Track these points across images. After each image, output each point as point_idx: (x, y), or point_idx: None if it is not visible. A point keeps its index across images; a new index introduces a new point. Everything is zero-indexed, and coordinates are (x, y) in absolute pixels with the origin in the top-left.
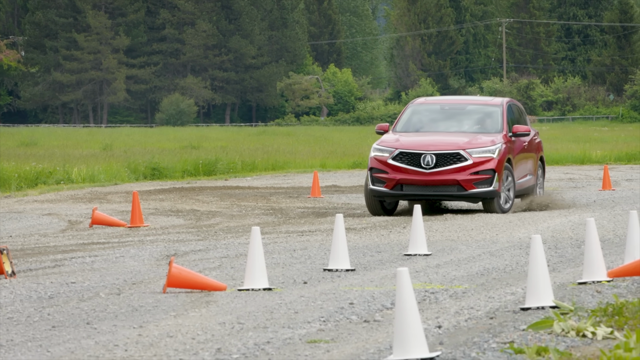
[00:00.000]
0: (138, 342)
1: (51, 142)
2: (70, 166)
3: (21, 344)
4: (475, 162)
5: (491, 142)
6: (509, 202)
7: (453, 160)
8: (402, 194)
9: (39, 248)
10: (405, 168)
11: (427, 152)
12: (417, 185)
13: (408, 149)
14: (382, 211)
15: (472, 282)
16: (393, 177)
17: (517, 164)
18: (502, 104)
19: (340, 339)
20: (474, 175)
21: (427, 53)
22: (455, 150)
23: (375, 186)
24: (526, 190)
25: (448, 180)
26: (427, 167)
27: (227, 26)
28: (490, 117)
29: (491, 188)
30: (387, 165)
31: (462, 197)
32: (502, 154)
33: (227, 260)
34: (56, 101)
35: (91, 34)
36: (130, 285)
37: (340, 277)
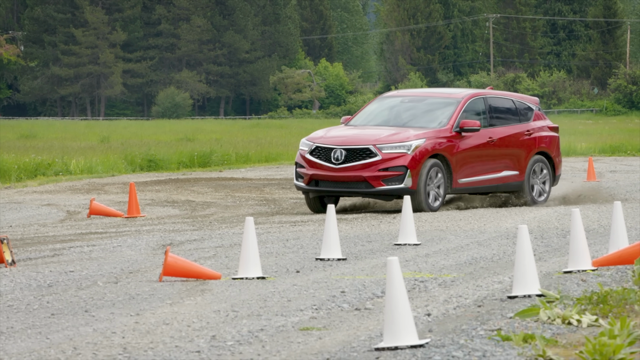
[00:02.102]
0: (135, 329)
1: (50, 135)
2: (68, 158)
3: (21, 331)
4: (384, 159)
5: (408, 138)
6: (439, 200)
7: (362, 156)
8: (317, 190)
9: (39, 237)
10: (318, 163)
11: (338, 147)
12: (329, 181)
13: (324, 143)
14: (322, 208)
15: (461, 271)
16: (308, 173)
17: (468, 160)
18: (463, 98)
19: (332, 326)
20: (382, 172)
21: (416, 48)
22: (365, 145)
23: (297, 181)
24: (503, 188)
25: (355, 176)
26: (337, 162)
27: (221, 21)
28: (442, 111)
29: (402, 185)
30: (305, 160)
31: (371, 194)
32: (422, 150)
33: (222, 249)
34: (55, 95)
35: (89, 29)
36: (127, 274)
37: (332, 266)
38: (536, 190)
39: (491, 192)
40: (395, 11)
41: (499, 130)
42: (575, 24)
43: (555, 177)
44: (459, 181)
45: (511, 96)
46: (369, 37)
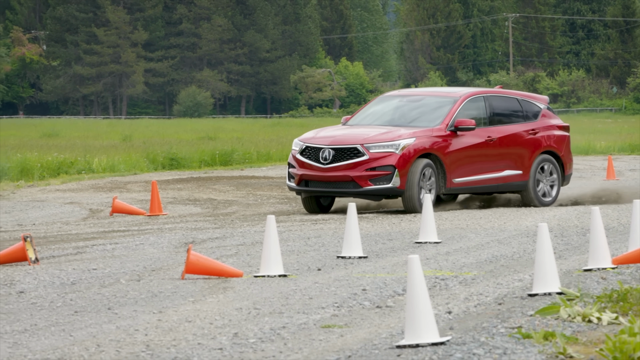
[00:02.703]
0: (158, 326)
1: (72, 133)
2: (91, 156)
3: (45, 328)
4: (372, 158)
5: (397, 137)
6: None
7: (350, 155)
8: (307, 190)
9: (62, 236)
10: (308, 163)
11: (326, 147)
12: (317, 181)
13: (313, 143)
14: (318, 208)
15: (481, 269)
16: (298, 173)
17: (464, 160)
18: (460, 97)
19: (353, 324)
20: (369, 171)
21: (435, 47)
22: (352, 145)
23: (289, 182)
24: (505, 187)
25: (342, 176)
26: (325, 162)
27: (242, 21)
28: (439, 110)
29: (390, 185)
30: (296, 160)
31: (359, 194)
32: (412, 149)
33: (244, 247)
34: (77, 93)
35: (110, 29)
36: (149, 271)
37: (353, 264)
38: (543, 190)
39: (492, 192)
40: (415, 11)
41: (500, 129)
42: (594, 23)
43: (565, 177)
44: (453, 181)
45: (516, 95)
46: (388, 37)
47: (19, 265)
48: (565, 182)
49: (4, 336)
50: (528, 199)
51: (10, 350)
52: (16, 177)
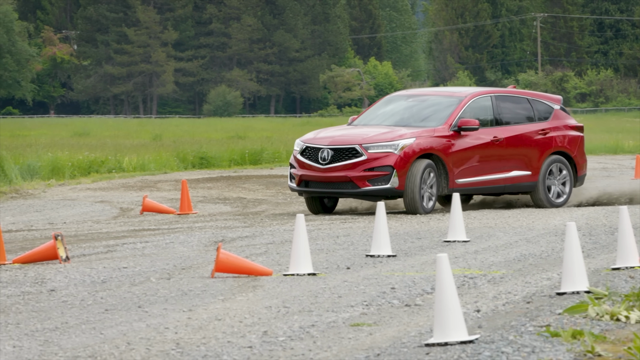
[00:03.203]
0: (188, 325)
1: (103, 133)
2: (121, 155)
3: (75, 326)
4: (370, 158)
5: (396, 137)
6: (432, 200)
7: (348, 155)
8: (307, 191)
9: (92, 234)
10: (307, 164)
11: (325, 147)
12: (316, 181)
13: (313, 143)
14: (321, 209)
15: (510, 268)
16: (298, 173)
17: (468, 160)
18: (465, 96)
19: (382, 322)
20: (367, 171)
21: (464, 46)
22: (351, 145)
23: (290, 182)
24: (512, 188)
25: (340, 177)
26: (323, 162)
27: (272, 21)
28: (443, 110)
29: (388, 185)
30: (296, 161)
31: (358, 195)
32: (411, 150)
33: (273, 246)
34: (107, 93)
35: (141, 29)
36: (179, 270)
37: (382, 263)
38: (553, 192)
39: (499, 193)
40: (444, 10)
41: (507, 129)
42: (622, 23)
43: (578, 178)
44: (456, 181)
45: (527, 95)
46: (417, 36)
47: (50, 264)
48: (579, 183)
49: (35, 334)
50: (538, 200)
51: (41, 348)
52: (47, 176)
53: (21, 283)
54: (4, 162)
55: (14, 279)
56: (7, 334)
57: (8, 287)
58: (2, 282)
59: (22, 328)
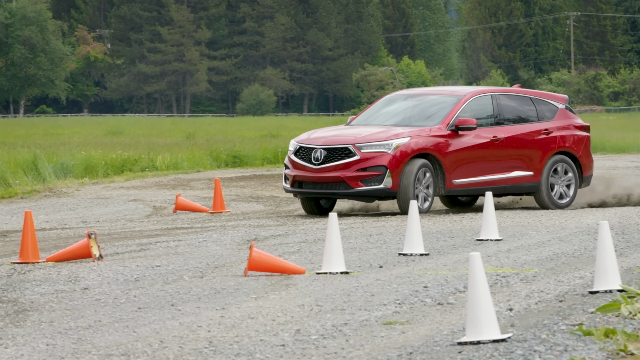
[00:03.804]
0: (220, 323)
1: (136, 131)
2: (154, 154)
3: (108, 324)
4: (363, 158)
5: (390, 137)
6: (428, 201)
7: (341, 155)
8: (300, 192)
9: (125, 232)
10: (300, 164)
11: (318, 147)
12: (310, 182)
13: (306, 143)
14: (317, 210)
15: (542, 267)
16: (291, 174)
17: (466, 160)
18: (464, 95)
19: (415, 320)
20: (360, 172)
21: (497, 45)
22: (344, 145)
23: (285, 183)
24: (513, 189)
25: (333, 177)
26: (316, 162)
27: (305, 19)
28: (441, 109)
29: (381, 186)
30: (290, 161)
31: (351, 196)
32: (405, 149)
33: (306, 244)
34: (141, 92)
35: (174, 27)
36: (212, 268)
37: (414, 261)
38: (557, 192)
39: (500, 194)
40: (477, 9)
41: (508, 129)
42: None
43: (584, 179)
44: (453, 182)
45: (530, 94)
46: (450, 35)
47: (83, 262)
48: (584, 184)
49: (69, 332)
50: (541, 201)
51: (74, 346)
52: (81, 175)
53: (55, 281)
54: (37, 161)
55: (47, 277)
56: (40, 332)
57: (42, 285)
58: (36, 281)
59: (55, 326)
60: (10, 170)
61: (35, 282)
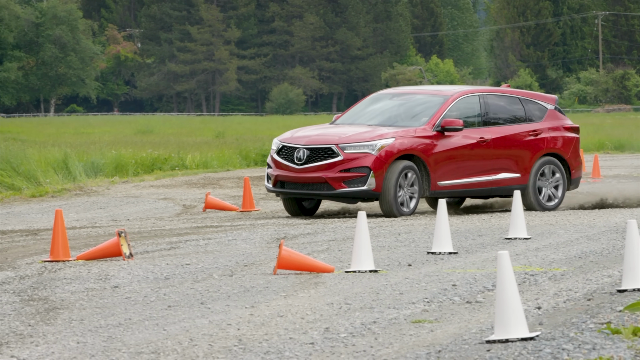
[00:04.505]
0: (250, 321)
1: (166, 130)
2: (184, 153)
3: (138, 322)
4: (346, 159)
5: (374, 137)
6: (411, 204)
7: (324, 156)
8: (282, 192)
9: (155, 231)
10: (283, 164)
11: (301, 147)
12: (292, 182)
13: (289, 143)
14: (299, 211)
15: (570, 265)
16: (274, 174)
17: (451, 161)
18: (451, 96)
19: (443, 319)
20: (343, 172)
21: (525, 44)
22: (327, 145)
23: (267, 183)
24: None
25: (316, 177)
26: (299, 162)
27: (334, 19)
28: (426, 109)
29: (364, 187)
30: (273, 161)
31: (333, 197)
32: (390, 150)
33: (335, 243)
34: (171, 91)
35: (204, 27)
36: (242, 267)
37: (443, 260)
38: (545, 195)
39: (487, 196)
40: (505, 9)
41: (495, 130)
42: None
43: (572, 181)
44: (439, 184)
45: (519, 94)
46: (479, 34)
47: (114, 260)
48: (573, 186)
49: (99, 330)
50: (528, 204)
51: (104, 344)
52: (111, 173)
53: (85, 279)
54: (68, 160)
55: (78, 275)
56: (71, 330)
57: (72, 283)
58: (66, 279)
59: (85, 324)
60: (41, 169)
61: (65, 280)
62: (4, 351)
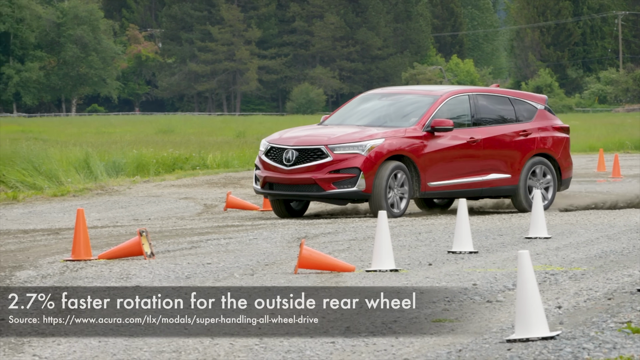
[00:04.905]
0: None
1: (187, 130)
2: (205, 152)
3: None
4: (336, 160)
5: (364, 137)
6: (401, 205)
7: (313, 157)
8: (271, 193)
9: (176, 230)
10: (272, 165)
11: (290, 148)
12: (281, 183)
13: (278, 144)
14: (287, 212)
15: (591, 265)
16: (262, 175)
17: (442, 162)
18: (440, 96)
19: (464, 318)
20: (333, 173)
21: (545, 44)
22: (316, 145)
23: (255, 184)
24: (491, 192)
25: (305, 179)
26: (288, 163)
27: (354, 19)
28: (416, 109)
29: (354, 188)
30: (261, 162)
31: (323, 198)
32: (380, 151)
33: (356, 242)
34: (192, 90)
35: (224, 27)
36: (263, 266)
37: (463, 259)
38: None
39: (477, 197)
40: (525, 9)
41: (485, 130)
42: None
43: (562, 182)
44: (429, 184)
45: (509, 94)
46: (499, 34)
47: (135, 260)
48: (563, 187)
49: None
50: (518, 205)
51: (126, 343)
52: (132, 173)
53: (106, 278)
54: (89, 159)
55: (99, 274)
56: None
57: (94, 282)
58: (88, 278)
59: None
60: (62, 169)
61: (87, 279)
62: (27, 350)
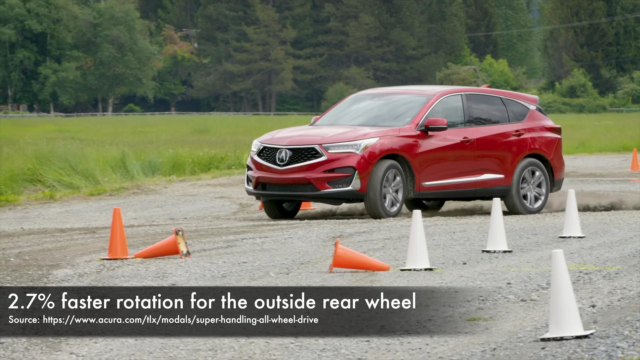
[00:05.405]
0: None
1: (223, 129)
2: (240, 152)
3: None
4: (330, 159)
5: (358, 137)
6: (397, 204)
7: (307, 156)
8: (264, 194)
9: (212, 229)
10: (264, 165)
11: (283, 147)
12: (274, 184)
13: (271, 144)
14: (280, 214)
15: (625, 264)
16: (254, 175)
17: (436, 162)
18: (434, 95)
19: (498, 317)
20: (328, 173)
21: (579, 44)
22: (310, 145)
23: (247, 185)
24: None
25: (299, 178)
26: (281, 163)
27: (389, 19)
28: (409, 109)
29: (349, 188)
30: (253, 162)
31: (317, 198)
32: (374, 150)
33: (390, 241)
34: (227, 90)
35: (260, 27)
36: (298, 265)
37: (498, 258)
38: (528, 197)
39: (471, 197)
40: (559, 9)
41: (478, 130)
42: None
43: (555, 182)
44: (423, 184)
45: (501, 94)
46: (533, 34)
47: (171, 258)
48: (556, 188)
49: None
50: (511, 206)
51: (162, 341)
52: (168, 172)
53: (143, 277)
54: (126, 159)
55: (135, 273)
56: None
57: (130, 281)
58: (124, 276)
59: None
60: (99, 168)
61: (123, 277)
62: (64, 348)
